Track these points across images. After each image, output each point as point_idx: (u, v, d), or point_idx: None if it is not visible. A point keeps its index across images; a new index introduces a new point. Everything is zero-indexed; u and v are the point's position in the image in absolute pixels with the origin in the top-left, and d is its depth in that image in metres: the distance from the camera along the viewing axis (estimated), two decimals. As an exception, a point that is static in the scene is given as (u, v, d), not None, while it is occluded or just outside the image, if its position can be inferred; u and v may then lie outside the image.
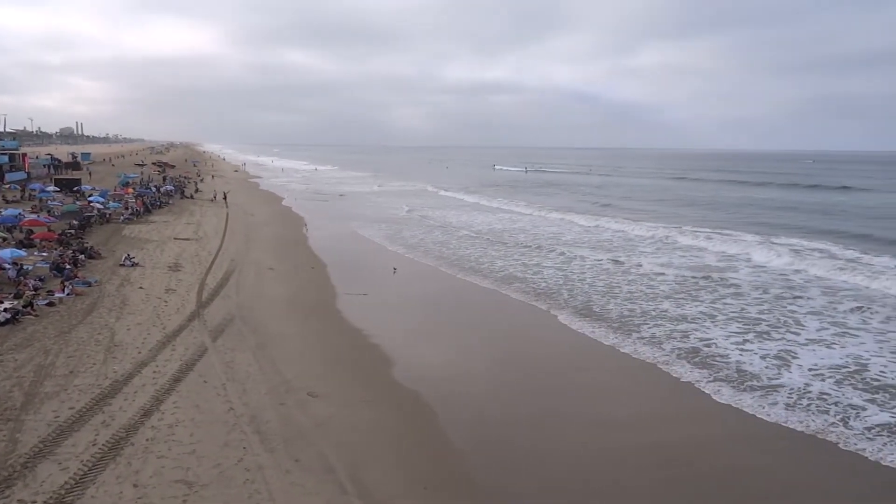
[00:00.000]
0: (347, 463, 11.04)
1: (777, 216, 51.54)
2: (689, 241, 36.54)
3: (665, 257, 31.66)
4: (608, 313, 21.05)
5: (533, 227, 43.66)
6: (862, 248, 33.60)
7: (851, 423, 12.99)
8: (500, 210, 55.02)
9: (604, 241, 37.09)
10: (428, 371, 15.83)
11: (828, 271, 27.43)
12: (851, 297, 23.21)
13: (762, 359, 16.89)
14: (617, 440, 12.38)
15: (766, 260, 30.43)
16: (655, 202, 64.00)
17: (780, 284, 25.35)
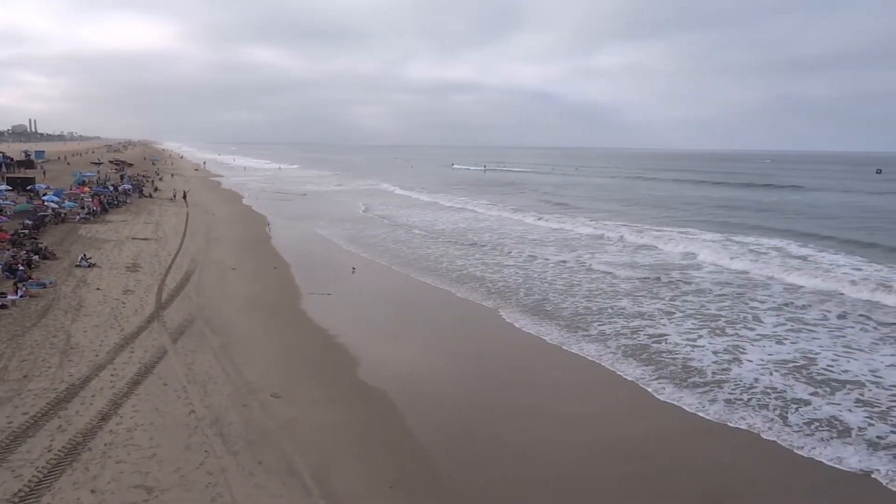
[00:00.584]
0: (312, 464, 10.96)
1: (735, 214, 52.69)
2: (650, 239, 37.06)
3: (626, 256, 32.13)
4: (563, 311, 21.28)
5: (492, 226, 43.72)
6: (817, 245, 34.57)
7: (790, 419, 13.19)
8: (460, 209, 54.81)
9: (563, 240, 37.35)
10: (393, 370, 15.79)
11: (784, 269, 28.11)
12: (806, 294, 23.81)
13: (714, 353, 17.22)
14: (567, 435, 12.55)
15: (725, 257, 31.02)
16: (617, 201, 64.86)
17: (738, 282, 25.93)
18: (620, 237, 37.84)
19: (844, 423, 13.03)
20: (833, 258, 31.05)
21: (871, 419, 13.29)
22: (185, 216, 43.29)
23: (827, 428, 12.84)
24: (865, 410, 13.73)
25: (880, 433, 12.62)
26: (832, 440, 12.35)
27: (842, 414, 13.52)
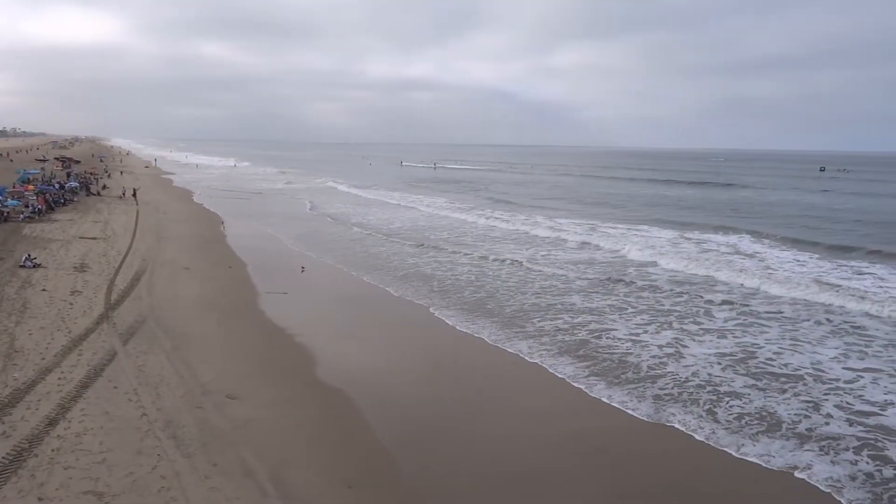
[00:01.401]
0: (269, 465, 10.82)
1: (689, 212, 54.09)
2: (604, 236, 37.68)
3: (585, 253, 32.54)
4: (513, 309, 21.36)
5: (442, 224, 43.62)
6: (767, 242, 35.62)
7: (719, 414, 13.34)
8: (410, 207, 54.50)
9: (515, 239, 37.59)
10: (351, 369, 15.71)
11: (735, 266, 28.89)
12: (757, 290, 24.48)
13: (659, 348, 17.52)
14: (514, 430, 12.72)
15: (679, 254, 31.75)
16: (574, 200, 65.59)
17: (692, 279, 26.50)
18: (575, 235, 38.15)
19: (776, 417, 13.23)
20: (781, 255, 32.01)
21: (805, 412, 13.52)
22: (135, 214, 42.20)
23: (757, 422, 12.99)
24: (801, 403, 14.00)
25: (810, 426, 12.86)
26: (759, 435, 12.44)
27: (774, 407, 13.73)
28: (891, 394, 14.39)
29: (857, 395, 14.38)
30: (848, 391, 14.64)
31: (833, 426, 12.86)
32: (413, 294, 23.09)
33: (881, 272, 27.27)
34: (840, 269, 28.20)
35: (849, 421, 13.13)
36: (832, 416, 13.37)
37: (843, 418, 13.25)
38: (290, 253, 30.68)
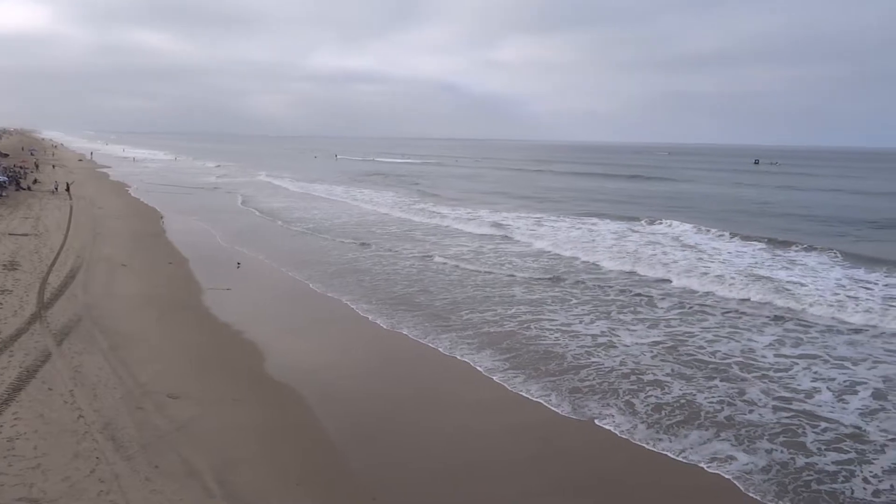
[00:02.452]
0: (213, 465, 10.60)
1: (635, 204, 55.07)
2: (548, 229, 38.16)
3: (528, 247, 32.82)
4: (442, 302, 21.39)
5: (377, 220, 43.01)
6: (710, 234, 36.56)
7: (637, 406, 13.41)
8: (344, 202, 53.77)
9: (458, 233, 37.55)
10: (298, 365, 15.51)
11: (675, 257, 29.70)
12: (700, 280, 25.13)
13: (592, 337, 17.78)
14: (459, 422, 12.84)
15: (623, 246, 32.44)
16: (518, 194, 65.83)
17: (634, 269, 27.00)
18: (519, 228, 38.39)
19: (696, 406, 13.37)
20: (720, 245, 33.01)
21: (728, 400, 13.75)
22: (68, 210, 40.55)
23: (677, 412, 13.08)
24: (724, 392, 14.24)
25: (731, 414, 13.07)
26: (677, 426, 12.49)
27: (696, 396, 13.89)
28: (818, 381, 14.84)
29: (784, 383, 14.72)
30: (776, 378, 15.02)
31: (754, 414, 13.09)
32: (350, 290, 22.64)
33: (812, 262, 28.43)
34: (776, 259, 29.23)
35: (773, 408, 13.39)
36: (756, 403, 13.63)
37: (766, 406, 13.51)
38: (231, 249, 29.90)
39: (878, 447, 11.78)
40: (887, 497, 10.18)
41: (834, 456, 11.47)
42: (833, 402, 13.72)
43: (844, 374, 15.30)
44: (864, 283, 24.52)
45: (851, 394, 14.18)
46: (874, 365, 16.03)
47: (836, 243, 33.57)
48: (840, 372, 15.46)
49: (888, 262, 27.86)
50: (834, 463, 11.24)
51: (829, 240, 35.54)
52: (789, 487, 10.47)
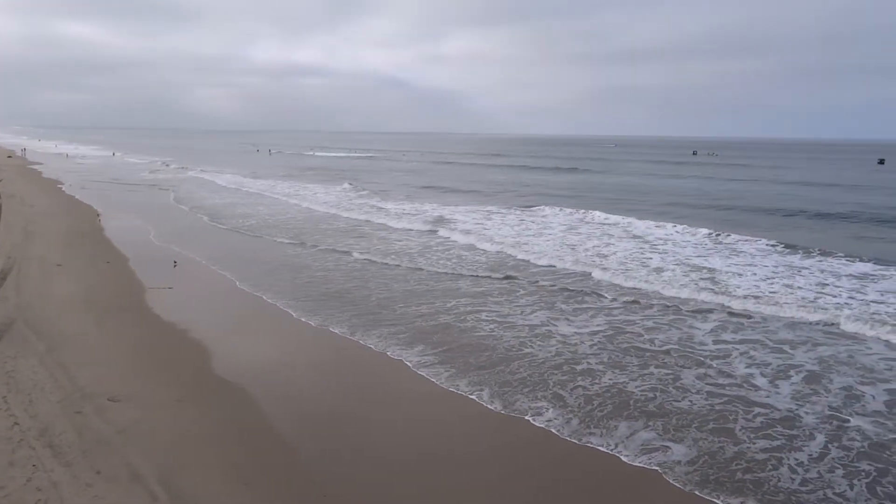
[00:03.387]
0: (158, 468, 10.33)
1: (587, 195, 56.00)
2: (497, 223, 38.40)
3: (473, 238, 32.98)
4: (377, 299, 21.36)
5: (317, 217, 42.39)
6: (656, 224, 37.47)
7: (567, 399, 13.34)
8: (281, 199, 53.14)
9: (401, 229, 37.39)
10: (250, 364, 15.22)
11: (623, 247, 30.30)
12: (644, 270, 25.81)
13: (530, 328, 17.94)
14: (405, 416, 12.85)
15: (573, 239, 32.93)
16: (466, 188, 66.14)
17: (581, 259, 27.56)
18: (465, 222, 38.54)
19: (627, 396, 13.43)
20: (667, 236, 33.85)
21: (661, 387, 13.92)
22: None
23: (609, 403, 13.12)
24: (657, 380, 14.36)
25: (662, 403, 13.13)
26: (605, 418, 12.52)
27: (629, 385, 13.99)
28: (753, 366, 15.22)
29: (720, 369, 15.03)
30: (712, 365, 15.33)
31: (685, 402, 13.19)
32: (285, 289, 22.14)
33: (750, 249, 29.45)
34: (717, 247, 30.13)
35: (706, 395, 13.56)
36: (689, 390, 13.78)
37: (700, 392, 13.67)
38: (167, 248, 29.02)
39: (807, 433, 11.85)
40: (814, 486, 10.14)
41: (763, 443, 11.49)
42: (767, 387, 14.03)
43: (780, 359, 15.76)
44: (800, 269, 25.50)
45: (785, 378, 14.54)
46: (812, 348, 16.59)
47: (772, 232, 34.95)
48: (776, 356, 15.94)
49: (822, 250, 28.96)
50: (763, 451, 11.23)
51: (766, 228, 36.93)
52: (712, 478, 10.38)
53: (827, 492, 9.96)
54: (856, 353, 16.27)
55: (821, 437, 11.71)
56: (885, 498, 9.80)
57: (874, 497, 9.84)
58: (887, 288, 22.34)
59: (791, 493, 9.94)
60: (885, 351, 16.49)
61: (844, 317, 18.77)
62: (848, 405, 13.16)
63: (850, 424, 12.28)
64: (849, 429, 12.10)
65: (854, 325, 18.20)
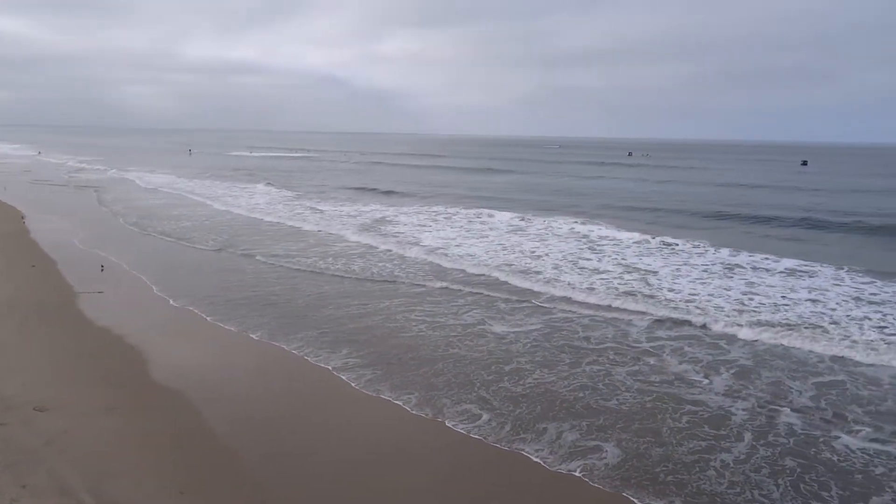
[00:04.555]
0: (88, 479, 9.97)
1: (539, 198, 56.72)
2: (442, 225, 38.47)
3: (418, 240, 32.98)
4: (303, 302, 21.30)
5: (251, 221, 41.32)
6: (594, 226, 38.25)
7: (491, 400, 13.30)
8: (217, 202, 52.08)
9: (334, 232, 37.10)
10: (188, 369, 14.85)
11: (567, 247, 30.83)
12: (587, 269, 26.30)
13: (462, 327, 18.00)
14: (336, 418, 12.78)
15: (513, 239, 33.29)
16: (408, 189, 65.88)
17: (524, 256, 27.92)
18: (407, 224, 38.51)
19: (556, 396, 13.44)
20: (605, 237, 34.59)
21: (593, 385, 14.04)
22: (-89, 210, 36.59)
23: (538, 404, 13.06)
24: (589, 377, 14.51)
25: (592, 403, 13.10)
26: (534, 422, 12.32)
27: (559, 385, 14.03)
28: (686, 363, 15.63)
29: (654, 365, 15.39)
30: (646, 362, 15.65)
31: (614, 401, 13.30)
32: (219, 295, 21.44)
33: (687, 249, 30.36)
34: (653, 248, 30.81)
35: (637, 392, 13.79)
36: (619, 388, 13.96)
37: (630, 390, 13.87)
38: (92, 251, 27.88)
39: (736, 433, 11.94)
40: (741, 489, 10.09)
41: (691, 445, 11.47)
42: (700, 384, 14.31)
43: (711, 355, 16.19)
44: (735, 265, 26.48)
45: (716, 373, 14.93)
46: (746, 343, 17.12)
47: (702, 232, 36.25)
48: (708, 352, 16.41)
49: (753, 250, 30.02)
50: (690, 452, 11.19)
51: (697, 229, 38.21)
52: (633, 481, 10.28)
53: (754, 492, 10.12)
54: (790, 347, 16.90)
55: (749, 436, 11.91)
56: (809, 497, 10.08)
57: (799, 496, 10.08)
58: (812, 285, 23.40)
59: (715, 495, 10.02)
60: (808, 345, 17.16)
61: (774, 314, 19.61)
62: (776, 400, 13.58)
63: (779, 420, 12.66)
64: (777, 424, 12.46)
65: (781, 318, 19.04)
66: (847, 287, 22.92)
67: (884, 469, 10.87)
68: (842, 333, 17.65)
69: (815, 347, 16.80)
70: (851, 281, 23.89)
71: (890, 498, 10.00)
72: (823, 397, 13.75)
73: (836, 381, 14.70)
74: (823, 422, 12.61)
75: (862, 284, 23.32)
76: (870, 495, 10.08)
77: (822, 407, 13.27)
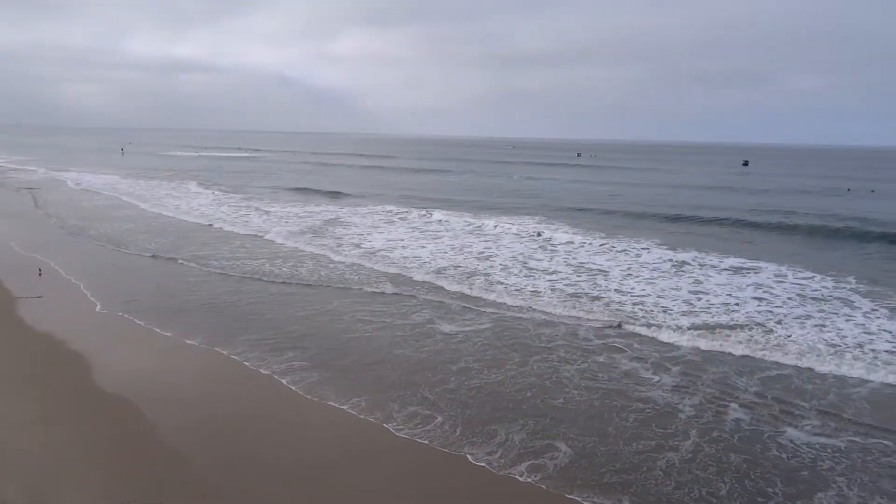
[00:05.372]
0: (28, 491, 9.57)
1: (495, 198, 56.68)
2: (391, 224, 38.18)
3: (368, 241, 32.58)
4: (247, 307, 20.83)
5: (192, 225, 39.92)
6: (553, 228, 38.34)
7: (441, 405, 13.08)
8: (156, 204, 50.61)
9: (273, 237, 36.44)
10: (130, 375, 14.31)
11: (524, 249, 30.80)
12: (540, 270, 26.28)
13: (411, 327, 17.94)
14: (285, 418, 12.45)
15: (466, 241, 33.15)
16: (358, 191, 65.12)
17: (467, 264, 27.84)
18: (357, 225, 38.11)
19: (504, 397, 13.37)
20: (558, 238, 34.80)
21: (540, 383, 14.07)
22: None
23: (486, 405, 12.97)
24: (536, 376, 14.50)
25: (537, 404, 13.05)
26: (480, 424, 12.17)
27: (504, 386, 13.98)
28: (635, 360, 15.80)
29: (603, 363, 15.52)
30: (594, 360, 15.75)
31: (560, 400, 13.28)
32: (158, 301, 20.59)
33: (636, 248, 30.78)
34: (606, 249, 31.00)
35: (586, 389, 13.85)
36: (567, 386, 13.96)
37: (579, 388, 13.91)
38: (28, 255, 26.72)
39: (682, 430, 12.06)
40: (689, 489, 10.04)
41: (640, 444, 11.47)
42: (649, 381, 14.42)
43: (659, 352, 16.42)
44: (683, 263, 27.14)
45: (664, 371, 15.08)
46: (693, 340, 17.31)
47: (656, 232, 36.85)
48: (657, 349, 16.64)
49: (703, 247, 30.95)
50: (638, 452, 11.16)
51: (651, 229, 38.66)
52: (580, 482, 10.20)
53: (701, 490, 10.13)
54: (737, 344, 17.19)
55: (695, 432, 11.99)
56: (755, 493, 10.14)
57: (745, 493, 10.12)
58: (757, 282, 24.04)
59: (661, 495, 9.98)
60: (754, 344, 17.47)
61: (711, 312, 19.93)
62: (723, 396, 13.77)
63: (726, 416, 12.79)
64: (724, 420, 12.58)
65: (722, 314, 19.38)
66: (789, 285, 23.65)
67: (830, 463, 11.07)
68: (785, 333, 18.02)
69: (762, 345, 17.11)
70: (794, 278, 24.78)
71: (835, 492, 10.16)
72: (769, 392, 14.09)
73: (783, 375, 15.14)
74: (771, 417, 12.87)
75: (803, 281, 24.04)
76: (815, 491, 10.23)
77: (768, 402, 13.54)
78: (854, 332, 18.06)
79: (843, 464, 11.03)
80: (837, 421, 12.73)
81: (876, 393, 14.18)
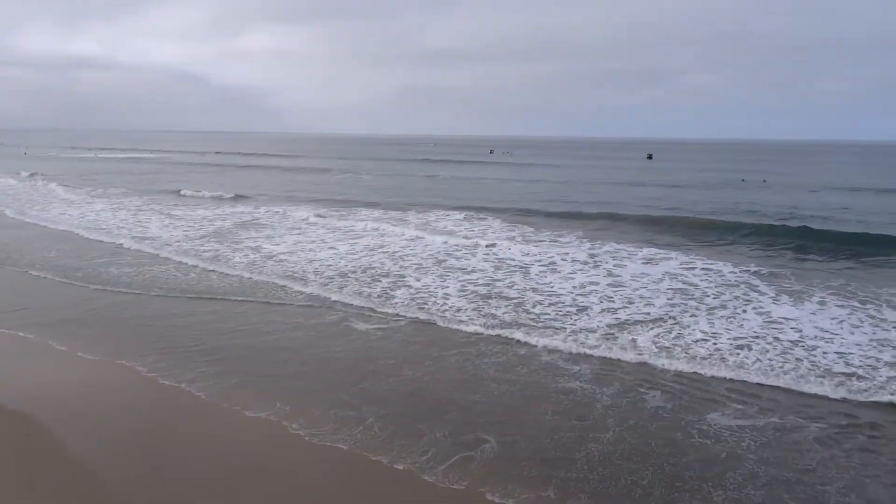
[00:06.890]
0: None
1: (438, 196, 56.22)
2: (311, 225, 37.50)
3: (287, 242, 31.78)
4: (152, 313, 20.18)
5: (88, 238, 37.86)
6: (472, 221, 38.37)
7: (355, 403, 12.98)
8: (59, 214, 48.04)
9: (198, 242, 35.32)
10: (27, 390, 13.32)
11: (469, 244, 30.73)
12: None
13: (325, 326, 17.83)
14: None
15: (384, 241, 32.84)
16: (273, 193, 63.67)
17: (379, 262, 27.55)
18: (275, 227, 37.16)
19: (427, 395, 13.29)
20: (480, 230, 34.89)
21: (464, 381, 14.24)
22: None
23: (402, 404, 12.88)
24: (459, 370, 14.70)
25: (454, 398, 13.13)
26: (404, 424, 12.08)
27: (425, 378, 14.06)
28: (554, 353, 15.96)
29: (522, 356, 15.61)
30: (514, 352, 15.89)
31: (480, 394, 13.30)
32: (53, 310, 19.44)
33: (566, 242, 31.29)
34: (526, 246, 31.17)
35: (506, 383, 13.90)
36: (486, 380, 14.05)
37: (499, 382, 13.96)
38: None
39: (602, 420, 12.21)
40: (607, 485, 10.03)
41: (561, 436, 11.48)
42: (568, 371, 14.61)
43: (576, 343, 16.63)
44: (597, 256, 27.57)
45: (585, 362, 15.25)
46: (611, 329, 17.77)
47: (571, 226, 37.52)
48: (575, 340, 16.84)
49: (619, 240, 31.77)
50: (558, 447, 11.11)
51: (566, 225, 39.17)
52: (501, 478, 10.14)
53: (628, 479, 10.23)
54: (653, 331, 17.67)
55: (613, 421, 12.17)
56: (673, 478, 10.31)
57: (664, 478, 10.29)
58: (668, 270, 25.02)
59: (588, 483, 10.07)
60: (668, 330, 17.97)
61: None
62: (643, 384, 14.08)
63: (646, 404, 13.04)
64: (644, 409, 12.81)
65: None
66: (698, 272, 24.68)
67: (751, 443, 11.46)
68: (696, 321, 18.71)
69: (676, 332, 17.57)
70: (702, 264, 25.91)
71: (765, 478, 10.32)
72: (687, 377, 14.48)
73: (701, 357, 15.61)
74: (691, 401, 13.20)
75: (711, 272, 24.97)
76: (727, 470, 10.54)
77: (690, 391, 13.78)
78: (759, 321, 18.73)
79: (758, 441, 11.51)
80: (760, 400, 13.22)
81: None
